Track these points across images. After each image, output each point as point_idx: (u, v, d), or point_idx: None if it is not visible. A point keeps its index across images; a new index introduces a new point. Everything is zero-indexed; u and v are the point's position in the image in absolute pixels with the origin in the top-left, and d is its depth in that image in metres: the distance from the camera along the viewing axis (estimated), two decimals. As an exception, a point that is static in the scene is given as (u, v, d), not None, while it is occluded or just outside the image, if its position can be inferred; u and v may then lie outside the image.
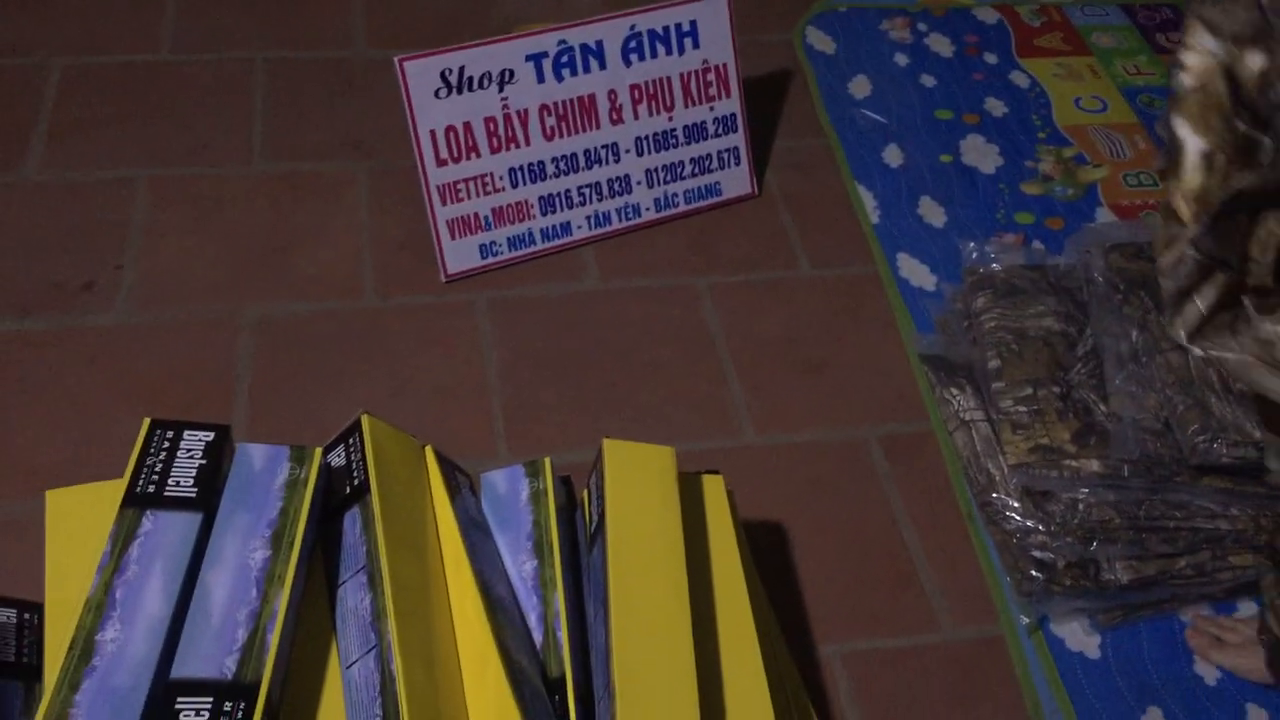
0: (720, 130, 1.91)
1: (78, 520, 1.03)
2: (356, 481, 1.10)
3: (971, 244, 1.76)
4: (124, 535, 0.97)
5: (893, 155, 2.08)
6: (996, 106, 2.19)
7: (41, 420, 1.55)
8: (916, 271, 1.87)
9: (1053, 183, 2.05)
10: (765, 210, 1.97)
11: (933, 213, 1.98)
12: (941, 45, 2.32)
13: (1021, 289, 1.66)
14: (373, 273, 1.78)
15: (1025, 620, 1.46)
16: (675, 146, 1.88)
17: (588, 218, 1.86)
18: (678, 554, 1.13)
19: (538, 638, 1.11)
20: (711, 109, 1.89)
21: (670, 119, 1.86)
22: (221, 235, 1.80)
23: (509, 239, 1.82)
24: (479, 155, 1.75)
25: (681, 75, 1.85)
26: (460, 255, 1.79)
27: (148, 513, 0.99)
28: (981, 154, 2.09)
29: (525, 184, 1.80)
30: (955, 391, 1.62)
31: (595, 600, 1.14)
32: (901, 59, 2.28)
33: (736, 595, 1.17)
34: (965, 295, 1.71)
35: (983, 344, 1.62)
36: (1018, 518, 1.47)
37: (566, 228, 1.85)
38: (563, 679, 1.07)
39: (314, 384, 1.63)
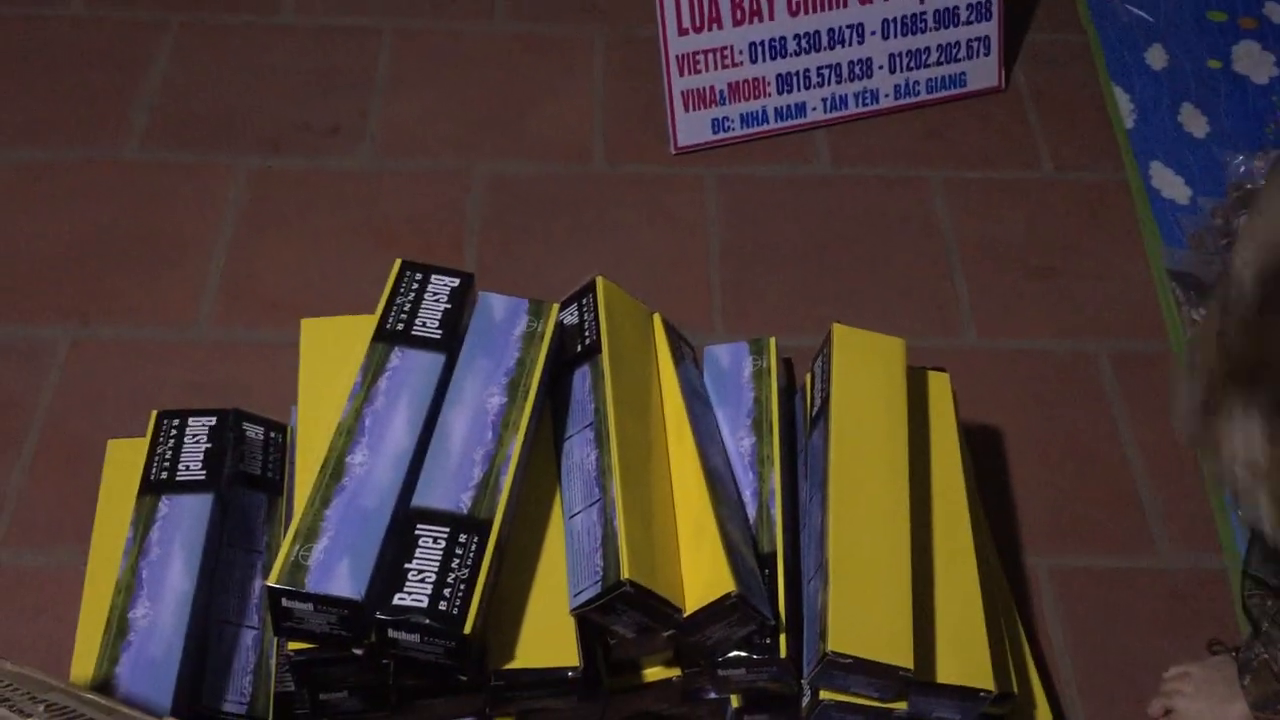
0: (973, 18, 1.81)
1: (329, 348, 1.09)
2: (588, 340, 1.12)
3: (1240, 157, 1.64)
4: (374, 367, 1.01)
5: (1156, 57, 1.94)
6: (1277, 11, 2.01)
7: (285, 254, 1.62)
8: (1170, 183, 1.76)
9: (1334, 99, 1.88)
10: (1010, 105, 1.87)
11: (1194, 121, 1.84)
12: (1222, -61, 2.14)
13: (1291, 209, 1.55)
14: (604, 139, 1.78)
15: (1253, 557, 1.39)
16: (923, 31, 1.80)
17: (824, 99, 1.81)
18: (901, 443, 1.11)
19: (751, 513, 1.12)
20: (965, -6, 1.80)
21: (921, 1, 1.78)
22: (459, 90, 1.83)
23: (742, 115, 1.78)
24: (720, 27, 1.72)
25: (938, -45, 1.76)
26: (692, 128, 1.77)
27: (396, 349, 1.03)
28: (1255, 62, 1.93)
29: (764, 60, 1.75)
30: (1205, 312, 1.53)
31: (811, 483, 1.14)
32: (1175, -48, 2.11)
33: (954, 492, 1.15)
34: (1227, 211, 1.60)
35: (1241, 265, 1.52)
36: (1259, 450, 1.39)
37: (801, 108, 1.80)
38: (773, 555, 1.08)
39: (539, 243, 1.65)
